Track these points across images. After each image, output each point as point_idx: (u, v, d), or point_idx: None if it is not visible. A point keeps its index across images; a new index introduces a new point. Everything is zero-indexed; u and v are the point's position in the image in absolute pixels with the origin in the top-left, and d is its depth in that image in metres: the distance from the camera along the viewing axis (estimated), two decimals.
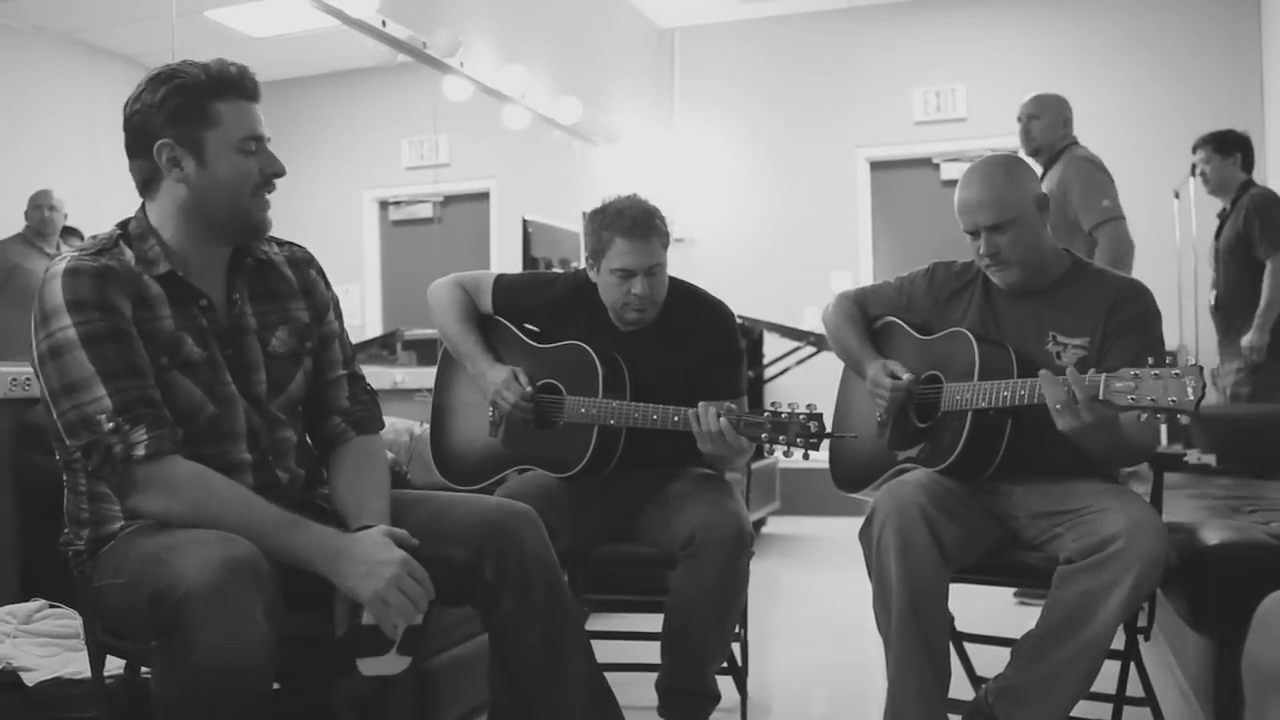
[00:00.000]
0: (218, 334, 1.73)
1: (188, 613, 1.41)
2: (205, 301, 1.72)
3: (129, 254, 1.67)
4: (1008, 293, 2.30)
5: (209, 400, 1.69)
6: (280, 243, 1.89)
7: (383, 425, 1.94)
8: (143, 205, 1.74)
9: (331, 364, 1.89)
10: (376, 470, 1.84)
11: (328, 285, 1.92)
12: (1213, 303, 4.41)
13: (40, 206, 3.50)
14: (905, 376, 2.28)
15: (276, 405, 1.79)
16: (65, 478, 1.70)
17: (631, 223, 2.32)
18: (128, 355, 1.60)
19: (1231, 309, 4.28)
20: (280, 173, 1.73)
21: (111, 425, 1.56)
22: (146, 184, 1.71)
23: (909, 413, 2.32)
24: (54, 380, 1.59)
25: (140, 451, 1.57)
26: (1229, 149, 4.34)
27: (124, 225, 1.72)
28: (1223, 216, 4.40)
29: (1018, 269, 2.23)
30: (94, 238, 1.69)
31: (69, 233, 3.47)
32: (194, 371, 1.68)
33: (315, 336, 1.87)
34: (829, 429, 2.15)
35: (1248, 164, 4.35)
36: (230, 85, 1.67)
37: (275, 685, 1.57)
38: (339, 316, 1.93)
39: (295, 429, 1.83)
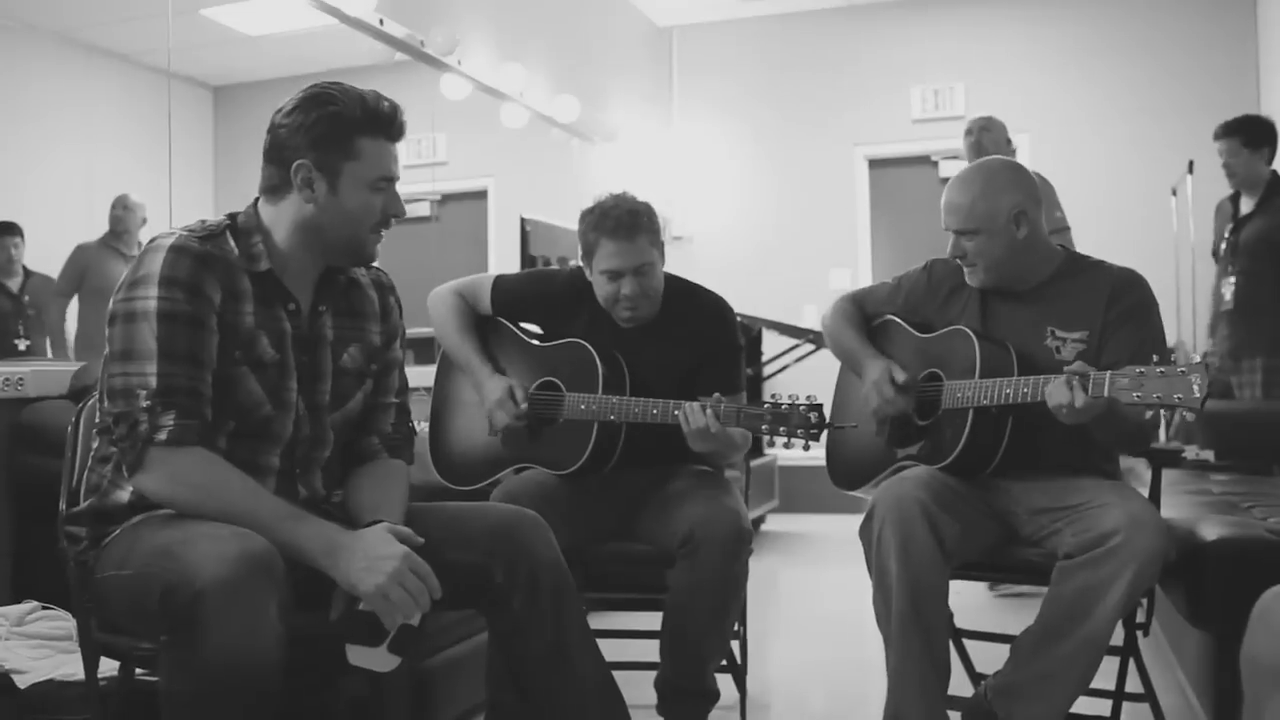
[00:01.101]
0: (296, 339, 1.76)
1: (202, 607, 1.40)
2: (293, 306, 1.76)
3: (233, 245, 1.71)
4: (1006, 292, 2.30)
5: (268, 401, 1.71)
6: (368, 265, 1.92)
7: (413, 459, 1.96)
8: (256, 203, 1.77)
9: (386, 389, 1.92)
10: (397, 484, 1.86)
11: (401, 314, 1.97)
12: (1230, 301, 4.24)
13: (114, 206, 3.61)
14: (902, 379, 2.28)
15: (333, 419, 1.81)
16: (96, 443, 1.72)
17: (616, 224, 2.32)
18: (194, 344, 1.62)
19: (1253, 309, 4.14)
20: (400, 214, 1.78)
21: (147, 404, 1.59)
22: (274, 190, 1.74)
23: (909, 411, 2.31)
24: (116, 343, 1.62)
25: (162, 435, 1.58)
26: (1259, 142, 4.14)
27: (232, 217, 1.75)
28: (1237, 211, 4.25)
29: (983, 273, 2.27)
30: (203, 222, 1.72)
31: (7, 229, 3.48)
32: (262, 371, 1.71)
33: (381, 360, 1.91)
34: (828, 421, 2.14)
35: (1271, 156, 4.18)
36: (380, 125, 1.72)
37: None
38: (404, 347, 1.97)
39: (334, 449, 1.84)
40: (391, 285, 1.97)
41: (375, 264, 1.95)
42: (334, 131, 1.69)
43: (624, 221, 2.32)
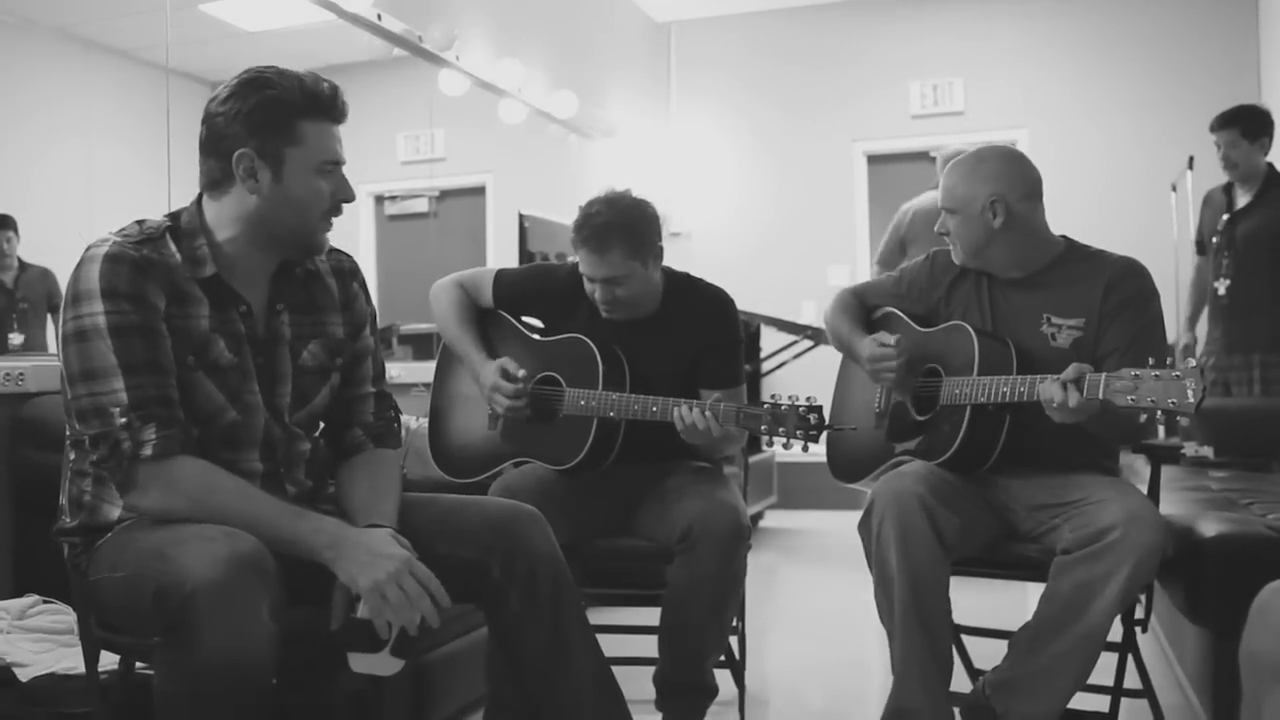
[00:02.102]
0: (252, 341, 1.72)
1: (193, 609, 1.40)
2: (245, 308, 1.72)
3: (173, 249, 1.66)
4: (1006, 279, 2.30)
5: (231, 406, 1.69)
6: (329, 249, 1.88)
7: (401, 443, 1.94)
8: (198, 200, 1.72)
9: (361, 380, 1.89)
10: (389, 477, 1.83)
11: (368, 299, 1.92)
12: (1225, 297, 4.21)
13: None
14: (894, 339, 2.30)
15: (297, 419, 1.79)
16: (72, 458, 1.69)
17: (590, 234, 2.31)
18: (152, 351, 1.59)
19: (1247, 303, 4.12)
20: (350, 199, 1.72)
21: (123, 420, 1.56)
22: (215, 184, 1.68)
23: (907, 405, 2.32)
24: (74, 364, 1.58)
25: (147, 451, 1.56)
26: (1258, 133, 4.10)
27: (174, 217, 1.70)
28: (1231, 203, 4.23)
29: (961, 253, 2.31)
30: (140, 224, 1.67)
31: (1, 223, 3.46)
32: (220, 375, 1.68)
33: (348, 352, 1.86)
34: (827, 421, 2.14)
35: (1268, 147, 4.15)
36: (321, 107, 1.67)
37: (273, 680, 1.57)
38: (374, 332, 1.93)
39: (311, 441, 1.83)
40: (354, 269, 1.90)
41: (339, 248, 1.91)
42: (274, 116, 1.63)
43: (596, 234, 2.31)
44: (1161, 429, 3.84)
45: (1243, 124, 4.13)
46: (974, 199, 2.23)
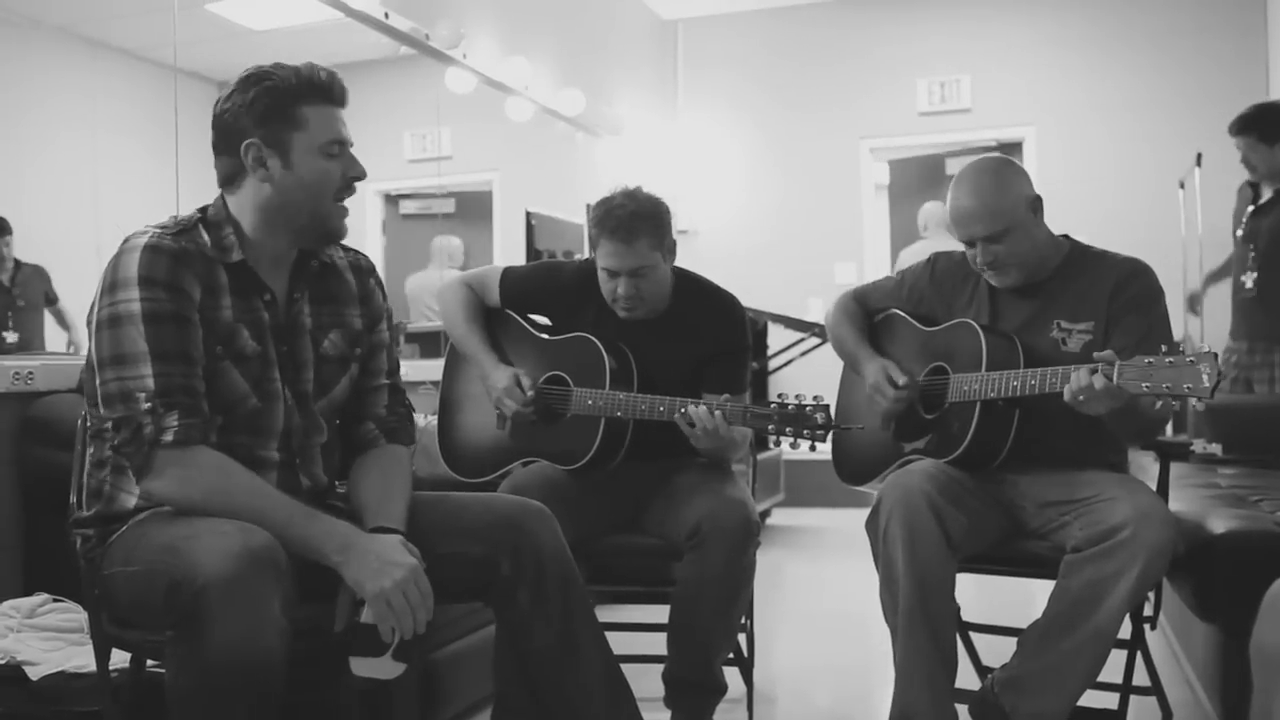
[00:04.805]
0: (274, 330, 1.75)
1: (206, 603, 1.41)
2: (269, 296, 1.75)
3: (206, 238, 1.70)
4: (1010, 285, 2.29)
5: (253, 394, 1.71)
6: (345, 248, 1.92)
7: (414, 440, 1.95)
8: (222, 195, 1.76)
9: (376, 372, 1.92)
10: (400, 475, 1.84)
11: (384, 296, 1.96)
12: (1252, 290, 4.15)
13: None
14: (902, 380, 2.28)
15: (320, 407, 1.81)
16: (91, 448, 1.71)
17: (616, 224, 2.31)
18: (183, 341, 1.62)
19: (1273, 297, 4.05)
20: (361, 176, 1.76)
21: (148, 405, 1.58)
22: (230, 179, 1.73)
23: (915, 405, 2.31)
24: (105, 348, 1.61)
25: (168, 437, 1.58)
26: (1274, 136, 4.05)
27: (203, 210, 1.75)
28: (1256, 196, 4.22)
29: (1016, 271, 2.24)
30: (174, 218, 1.72)
31: None
32: (245, 364, 1.70)
33: (365, 344, 1.89)
34: (835, 421, 2.14)
35: None
36: (319, 90, 1.71)
37: None
38: (390, 328, 1.96)
39: (330, 435, 1.84)
40: (372, 268, 1.95)
41: (355, 248, 1.94)
42: (276, 104, 1.68)
43: (624, 224, 2.31)
44: (1170, 424, 3.82)
45: (1260, 129, 4.09)
46: (1018, 205, 2.18)
